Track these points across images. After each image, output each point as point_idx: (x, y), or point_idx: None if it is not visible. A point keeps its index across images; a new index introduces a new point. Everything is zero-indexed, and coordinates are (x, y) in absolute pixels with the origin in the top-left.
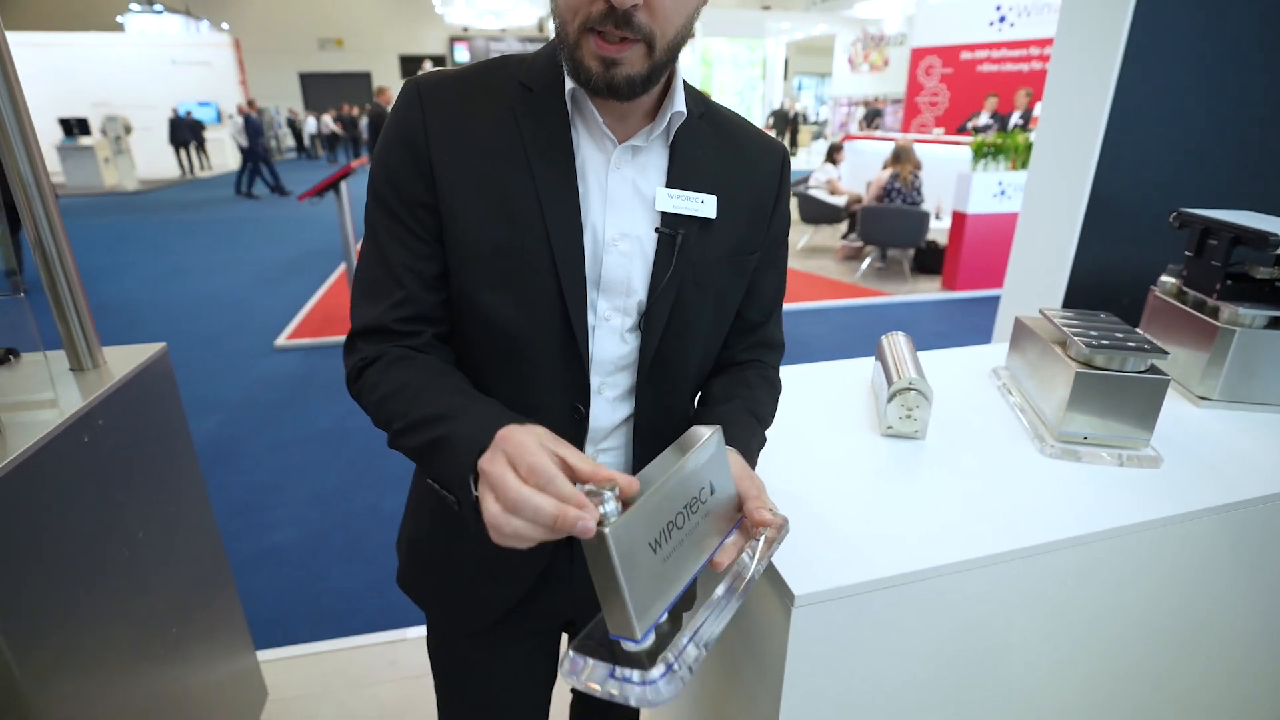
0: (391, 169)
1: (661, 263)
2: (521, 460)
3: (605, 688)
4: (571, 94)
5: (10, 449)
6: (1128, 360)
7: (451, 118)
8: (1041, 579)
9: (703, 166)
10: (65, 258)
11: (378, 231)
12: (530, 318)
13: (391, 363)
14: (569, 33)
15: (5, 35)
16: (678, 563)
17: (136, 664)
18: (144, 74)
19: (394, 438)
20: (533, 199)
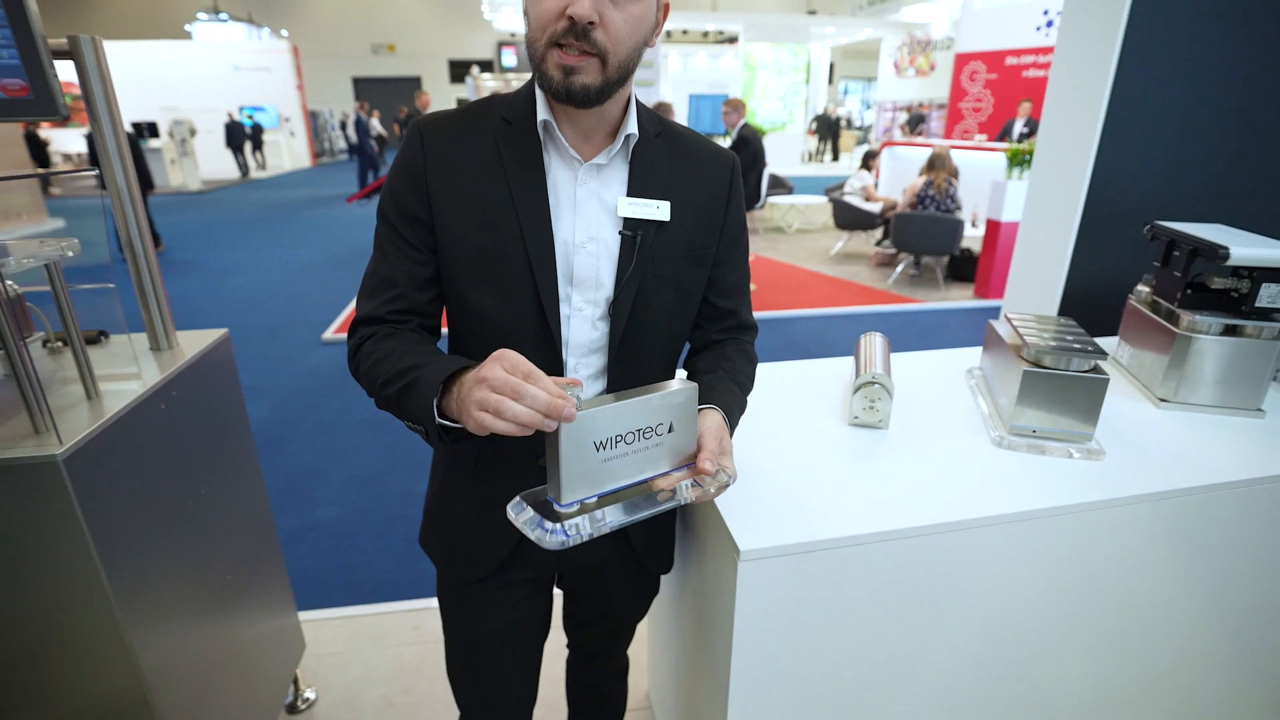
0: (396, 192)
1: (625, 260)
2: (517, 368)
3: (518, 523)
4: (543, 124)
5: (105, 411)
6: (1072, 361)
7: (445, 150)
8: (973, 552)
9: (658, 177)
10: (149, 254)
11: (382, 242)
12: (510, 310)
13: (381, 338)
14: (539, 48)
15: (107, 62)
16: (617, 468)
17: (200, 608)
18: (208, 79)
19: (379, 393)
20: (510, 211)
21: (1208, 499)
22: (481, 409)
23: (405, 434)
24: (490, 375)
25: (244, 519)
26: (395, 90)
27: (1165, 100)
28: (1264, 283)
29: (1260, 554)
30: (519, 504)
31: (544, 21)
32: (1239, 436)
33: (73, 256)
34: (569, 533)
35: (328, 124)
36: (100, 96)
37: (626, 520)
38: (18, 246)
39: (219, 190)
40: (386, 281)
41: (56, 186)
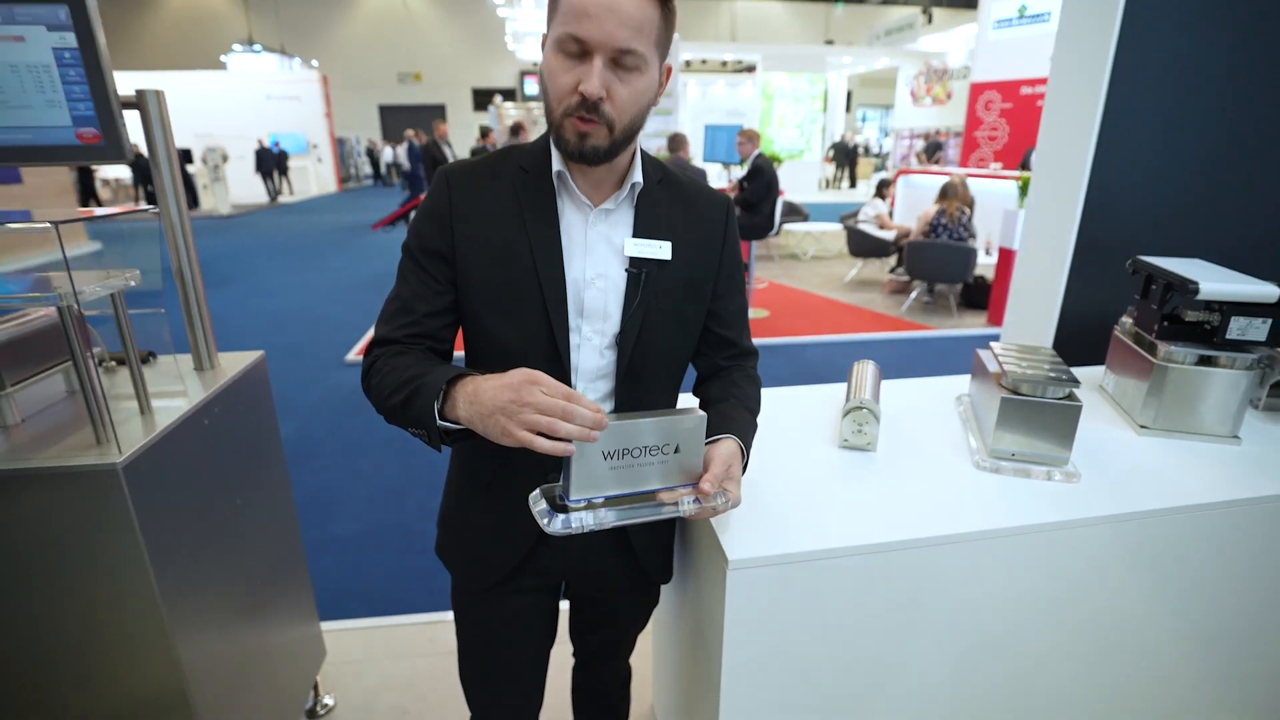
0: (423, 233)
1: (630, 294)
2: (557, 391)
3: (534, 509)
4: (558, 174)
5: (157, 425)
6: (1047, 388)
7: (469, 195)
8: (950, 567)
9: (660, 220)
10: (197, 282)
11: (405, 274)
12: (525, 339)
13: (391, 356)
14: (555, 116)
15: (168, 113)
16: (622, 476)
17: (234, 612)
18: (241, 107)
19: (386, 403)
20: (526, 250)
21: (1177, 521)
22: (531, 429)
23: (425, 452)
24: (533, 400)
25: (274, 530)
26: (420, 118)
27: (1151, 138)
28: (1233, 316)
29: (1231, 575)
30: (538, 495)
31: (560, 95)
32: (1213, 462)
33: (134, 285)
34: (571, 523)
35: (354, 150)
36: (161, 143)
37: (623, 519)
38: (87, 276)
39: (248, 214)
40: (405, 308)
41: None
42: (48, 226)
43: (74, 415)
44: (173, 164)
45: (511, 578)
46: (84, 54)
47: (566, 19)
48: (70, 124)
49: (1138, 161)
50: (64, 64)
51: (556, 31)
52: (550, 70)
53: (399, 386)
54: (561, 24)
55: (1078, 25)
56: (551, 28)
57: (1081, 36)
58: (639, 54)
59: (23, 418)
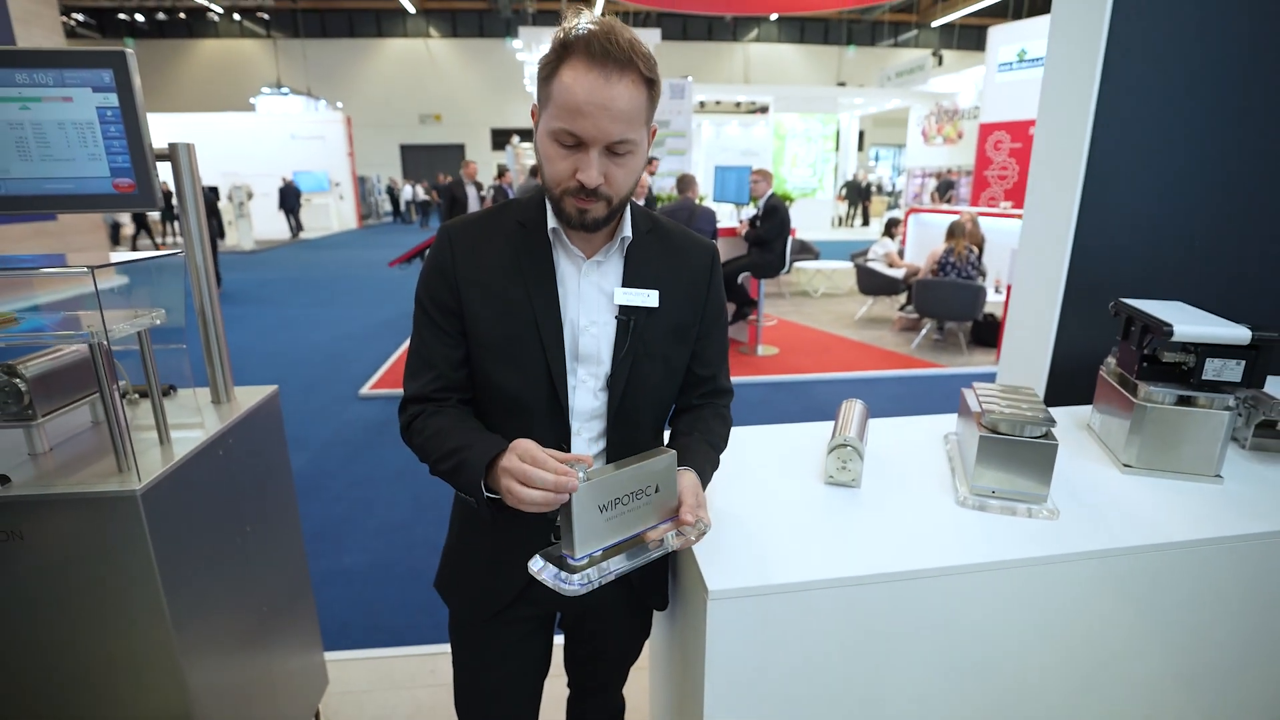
0: (431, 287)
1: (620, 340)
2: (527, 455)
3: (542, 577)
4: (553, 231)
5: (174, 455)
6: (1025, 428)
7: (470, 252)
8: (928, 601)
9: (647, 270)
10: (217, 320)
11: (420, 328)
12: (526, 384)
13: (429, 415)
14: (555, 195)
15: (197, 165)
16: (617, 525)
17: (240, 638)
18: (267, 147)
19: (433, 467)
20: (526, 301)
21: (1156, 558)
22: (508, 493)
23: (433, 487)
24: (508, 465)
25: (281, 558)
26: (439, 157)
27: (1137, 183)
28: (1208, 357)
29: (1211, 612)
30: (539, 562)
31: (558, 179)
32: (1192, 500)
33: (159, 324)
34: (582, 582)
35: (375, 188)
36: (189, 191)
37: (628, 568)
38: (117, 315)
39: (271, 250)
40: (426, 364)
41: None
42: (85, 270)
43: (97, 444)
44: (199, 210)
45: (510, 608)
46: (124, 112)
47: (560, 114)
48: (108, 175)
49: (1124, 205)
50: (105, 121)
51: (551, 124)
52: (547, 155)
53: (445, 455)
54: (556, 118)
55: (1061, 71)
56: (545, 115)
57: (1065, 82)
58: (631, 141)
59: (50, 446)
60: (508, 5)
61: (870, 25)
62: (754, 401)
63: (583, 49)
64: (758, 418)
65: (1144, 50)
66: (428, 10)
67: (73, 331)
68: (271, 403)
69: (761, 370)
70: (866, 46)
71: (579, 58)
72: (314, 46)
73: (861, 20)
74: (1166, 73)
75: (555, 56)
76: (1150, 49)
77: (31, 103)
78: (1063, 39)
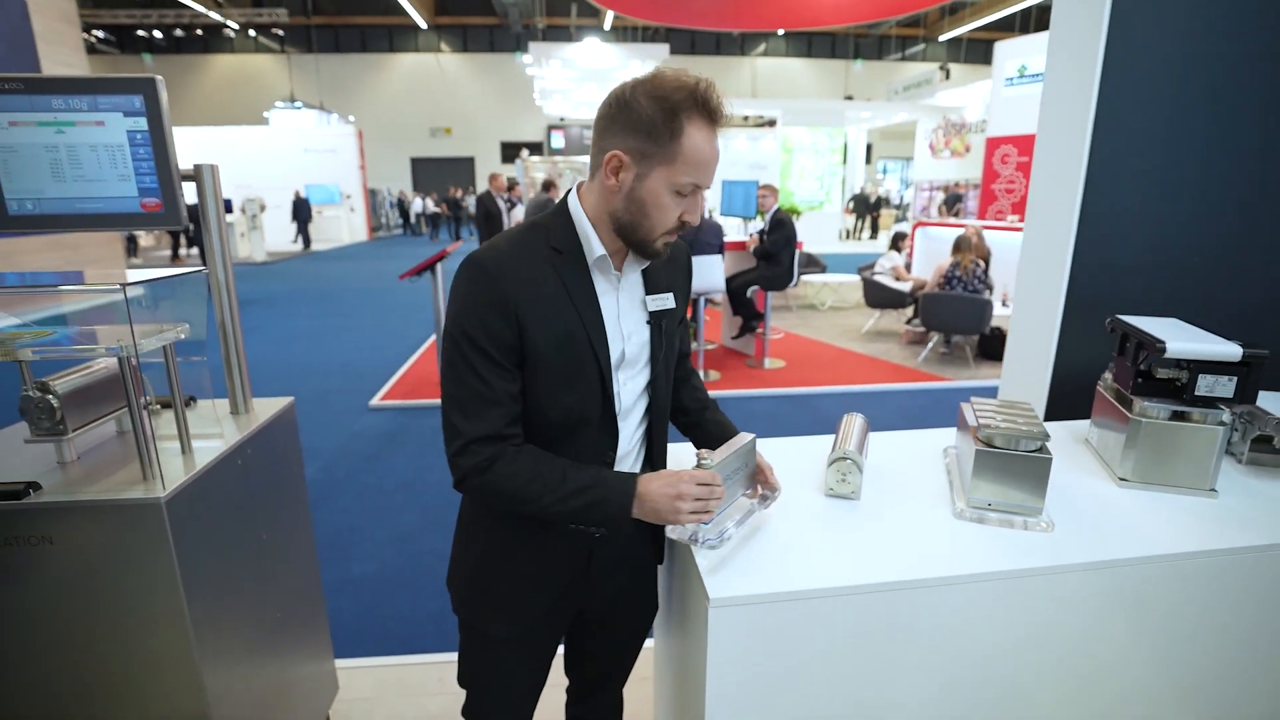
0: (486, 324)
1: (655, 342)
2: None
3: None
4: (600, 258)
5: (197, 464)
6: (1020, 442)
7: (520, 284)
8: (924, 610)
9: (659, 276)
10: (238, 334)
11: (473, 367)
12: (584, 403)
13: (513, 458)
14: (653, 236)
15: (220, 185)
16: (729, 493)
17: (254, 643)
18: (280, 160)
19: (550, 509)
20: (580, 329)
21: (1150, 571)
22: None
23: (441, 497)
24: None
25: (295, 566)
26: (450, 170)
27: (1135, 199)
28: (1200, 373)
29: (1204, 624)
30: (675, 530)
31: (666, 225)
32: (1186, 514)
33: (183, 338)
34: (715, 542)
35: (385, 201)
36: (213, 212)
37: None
38: (145, 330)
39: (282, 262)
40: (490, 401)
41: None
42: (118, 288)
43: (122, 453)
44: (221, 229)
45: (542, 616)
46: (153, 135)
47: (689, 169)
48: (136, 195)
49: (1122, 223)
50: (135, 144)
51: (677, 177)
52: (662, 205)
53: (569, 495)
54: (684, 172)
55: (1060, 89)
56: (668, 170)
57: (1064, 100)
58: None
59: (78, 455)
60: (518, 21)
61: (878, 39)
62: (761, 414)
63: (704, 108)
64: (764, 430)
65: (1141, 70)
66: (439, 26)
67: (104, 346)
68: (288, 414)
69: (768, 383)
70: (874, 60)
71: (703, 116)
72: (327, 61)
73: (869, 34)
74: (1164, 91)
75: (672, 115)
76: (1147, 69)
77: (66, 127)
78: (1061, 57)
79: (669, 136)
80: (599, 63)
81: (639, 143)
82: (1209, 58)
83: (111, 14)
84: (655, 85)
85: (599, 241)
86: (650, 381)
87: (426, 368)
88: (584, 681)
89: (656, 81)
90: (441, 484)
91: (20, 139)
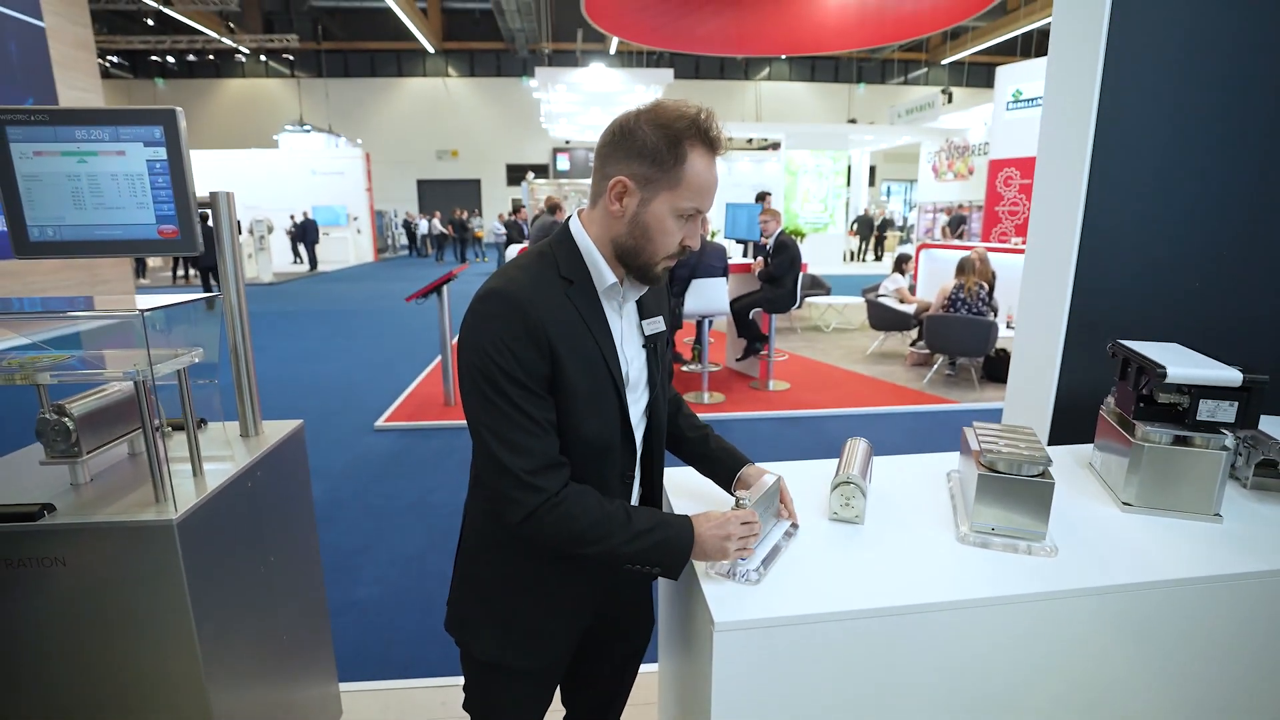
0: (522, 359)
1: (652, 365)
2: (734, 519)
3: (727, 574)
4: (611, 287)
5: (208, 486)
6: (1022, 467)
7: (548, 316)
8: (928, 635)
9: (649, 300)
10: (249, 358)
11: (514, 401)
12: (608, 427)
13: (582, 494)
14: (654, 261)
15: (236, 212)
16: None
17: (261, 665)
18: (288, 182)
19: (608, 548)
20: (599, 355)
21: (1154, 596)
22: (724, 552)
23: (447, 519)
24: (738, 532)
25: (302, 589)
26: (456, 192)
27: (1137, 225)
28: (1201, 398)
29: (1210, 650)
30: (719, 566)
31: (668, 250)
32: (1191, 539)
33: (197, 362)
34: (755, 577)
35: (392, 223)
36: (228, 238)
37: (766, 563)
38: (160, 354)
39: (289, 283)
40: (536, 433)
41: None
42: (137, 314)
43: (134, 475)
44: (236, 255)
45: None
46: (171, 165)
47: (691, 194)
48: (154, 222)
49: (1123, 247)
50: (154, 173)
51: (680, 201)
52: (665, 230)
53: (637, 534)
54: (686, 196)
55: (1058, 113)
56: (670, 195)
57: (1062, 124)
58: None
59: (91, 477)
60: (524, 46)
61: (880, 63)
62: (765, 436)
63: (704, 136)
64: (769, 452)
65: (1138, 95)
66: (447, 51)
67: (121, 370)
68: (297, 437)
69: (773, 405)
70: (877, 84)
71: (703, 144)
72: (336, 85)
73: (871, 59)
74: (1162, 115)
75: (675, 142)
76: (1144, 94)
77: (88, 156)
78: (1059, 82)
79: (673, 162)
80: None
81: (644, 169)
82: (1205, 83)
83: (126, 40)
84: (658, 114)
85: (609, 270)
86: (649, 404)
87: (432, 389)
88: (584, 710)
89: (659, 111)
90: (447, 506)
91: (44, 168)
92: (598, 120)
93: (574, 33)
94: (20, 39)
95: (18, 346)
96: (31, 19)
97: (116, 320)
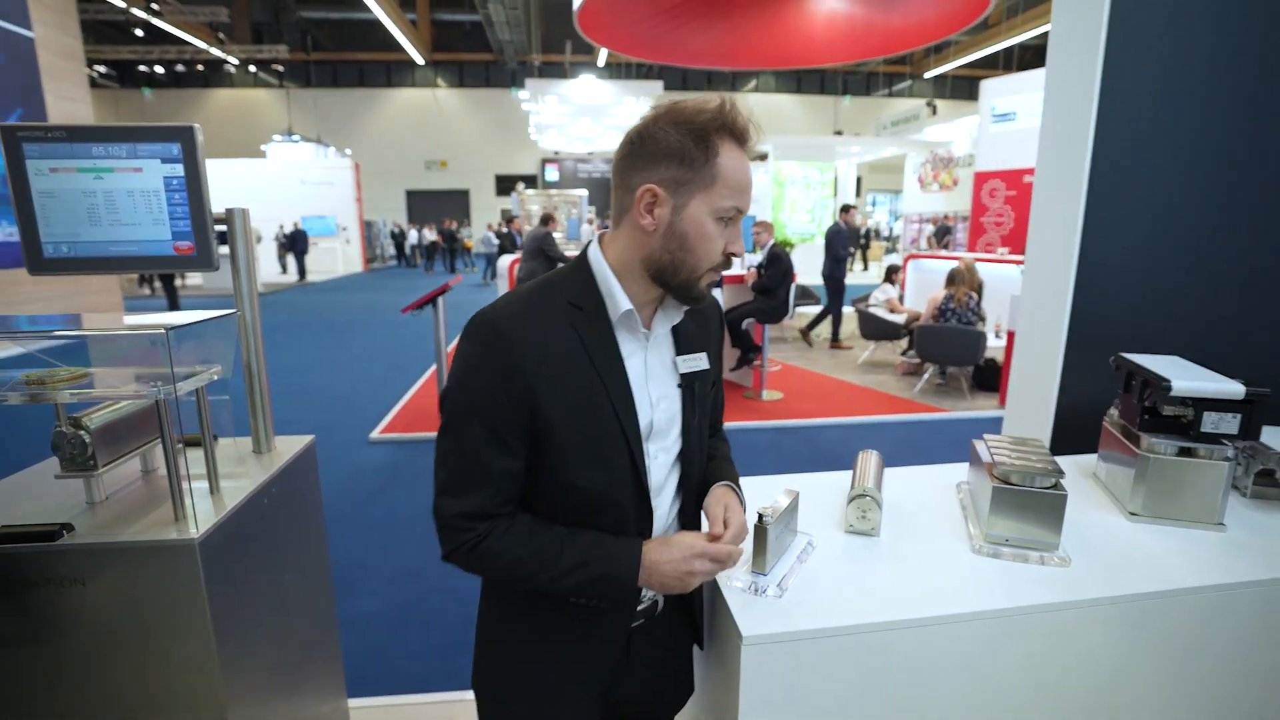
0: (491, 395)
1: (688, 408)
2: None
3: (747, 589)
4: (627, 313)
5: (227, 504)
6: (1035, 478)
7: (534, 349)
8: (949, 645)
9: (690, 334)
10: (263, 374)
11: (469, 439)
12: (612, 477)
13: (503, 534)
14: (698, 274)
15: (250, 228)
16: (777, 548)
17: (277, 683)
18: (277, 192)
19: (540, 585)
20: (602, 393)
21: (1164, 605)
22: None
23: None
24: (702, 569)
25: (315, 606)
26: (445, 203)
27: (1136, 236)
28: (1205, 411)
29: (1219, 657)
30: (740, 580)
31: (712, 258)
32: (1197, 547)
33: (216, 379)
34: (774, 590)
35: (380, 233)
36: (242, 255)
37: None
38: (180, 372)
39: (277, 293)
40: (484, 478)
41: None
42: (161, 331)
43: (149, 493)
44: (251, 271)
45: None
46: (188, 181)
47: (729, 191)
48: (170, 238)
49: (1122, 259)
50: (171, 189)
51: (718, 200)
52: (706, 236)
53: (567, 570)
54: (724, 195)
55: (1057, 126)
56: (707, 195)
57: (1061, 137)
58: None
59: (106, 495)
60: (513, 57)
61: (865, 76)
62: (761, 446)
63: (734, 131)
64: (765, 462)
65: (1137, 106)
66: (436, 62)
67: (144, 388)
68: (309, 452)
69: (767, 415)
70: (862, 96)
71: (734, 139)
72: (325, 96)
73: (857, 71)
74: (1160, 128)
75: (703, 137)
76: (1142, 106)
77: (105, 173)
78: (1058, 94)
79: (704, 159)
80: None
81: (672, 171)
82: (1204, 95)
83: (114, 49)
84: (678, 113)
85: (624, 295)
86: (681, 453)
87: (426, 400)
88: None
89: (678, 110)
90: None
91: (60, 184)
92: (587, 132)
93: (563, 44)
94: (9, 49)
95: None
96: (21, 29)
97: (143, 336)
